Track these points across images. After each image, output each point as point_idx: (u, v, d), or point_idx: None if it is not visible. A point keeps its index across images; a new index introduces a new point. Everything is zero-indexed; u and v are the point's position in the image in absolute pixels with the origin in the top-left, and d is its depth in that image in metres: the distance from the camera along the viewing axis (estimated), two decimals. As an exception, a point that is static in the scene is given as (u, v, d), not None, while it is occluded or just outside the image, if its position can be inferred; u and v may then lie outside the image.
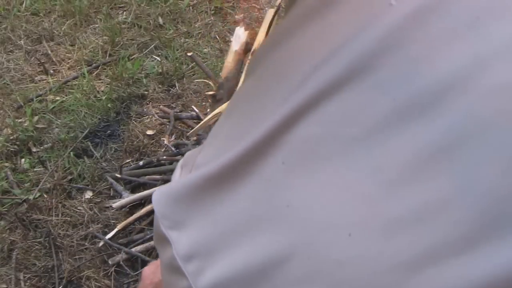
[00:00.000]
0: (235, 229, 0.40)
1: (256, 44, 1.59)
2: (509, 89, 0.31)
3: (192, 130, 1.64)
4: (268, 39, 0.49)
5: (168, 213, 0.45)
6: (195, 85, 2.19)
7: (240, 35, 1.71)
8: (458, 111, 0.32)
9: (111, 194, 1.79)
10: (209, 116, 1.58)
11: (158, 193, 0.47)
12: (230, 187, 0.40)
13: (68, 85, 2.22)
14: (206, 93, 1.87)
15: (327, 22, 0.39)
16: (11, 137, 1.96)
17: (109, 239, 1.60)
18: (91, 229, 1.68)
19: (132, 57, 2.35)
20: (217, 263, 0.40)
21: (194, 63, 2.19)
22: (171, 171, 1.67)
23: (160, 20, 2.56)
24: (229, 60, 1.67)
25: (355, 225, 0.34)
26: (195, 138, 1.77)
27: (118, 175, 1.75)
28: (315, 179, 0.36)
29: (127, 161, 1.90)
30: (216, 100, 1.66)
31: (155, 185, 1.72)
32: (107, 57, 2.34)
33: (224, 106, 1.57)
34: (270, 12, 1.58)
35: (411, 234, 0.32)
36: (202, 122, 1.61)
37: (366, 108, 0.34)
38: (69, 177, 1.84)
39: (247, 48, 1.69)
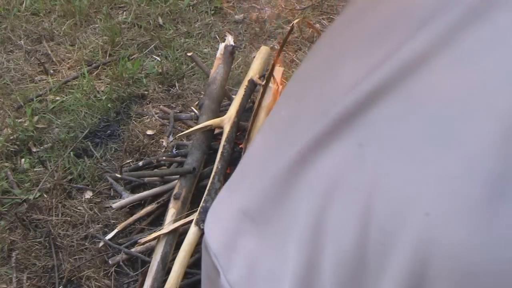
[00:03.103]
0: (301, 235, 0.36)
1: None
2: None
3: (183, 133, 1.63)
4: (338, 20, 0.47)
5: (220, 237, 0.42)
6: (195, 85, 2.20)
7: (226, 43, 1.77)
8: None
9: (111, 194, 1.79)
10: (201, 125, 1.58)
11: (210, 216, 0.43)
12: (296, 182, 0.37)
13: (68, 85, 2.22)
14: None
15: None
16: (11, 137, 1.97)
17: (109, 239, 1.60)
18: (91, 229, 1.68)
19: (132, 57, 2.35)
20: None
21: (194, 63, 2.19)
22: (171, 173, 1.67)
23: (160, 20, 2.56)
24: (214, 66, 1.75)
25: (435, 204, 0.31)
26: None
27: (118, 175, 1.75)
28: (392, 158, 0.34)
29: (127, 161, 1.90)
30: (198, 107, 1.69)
31: (155, 186, 1.72)
32: (107, 57, 2.34)
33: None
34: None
35: (493, 215, 0.29)
36: (193, 128, 1.61)
37: (450, 82, 0.33)
38: (69, 177, 1.84)
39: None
